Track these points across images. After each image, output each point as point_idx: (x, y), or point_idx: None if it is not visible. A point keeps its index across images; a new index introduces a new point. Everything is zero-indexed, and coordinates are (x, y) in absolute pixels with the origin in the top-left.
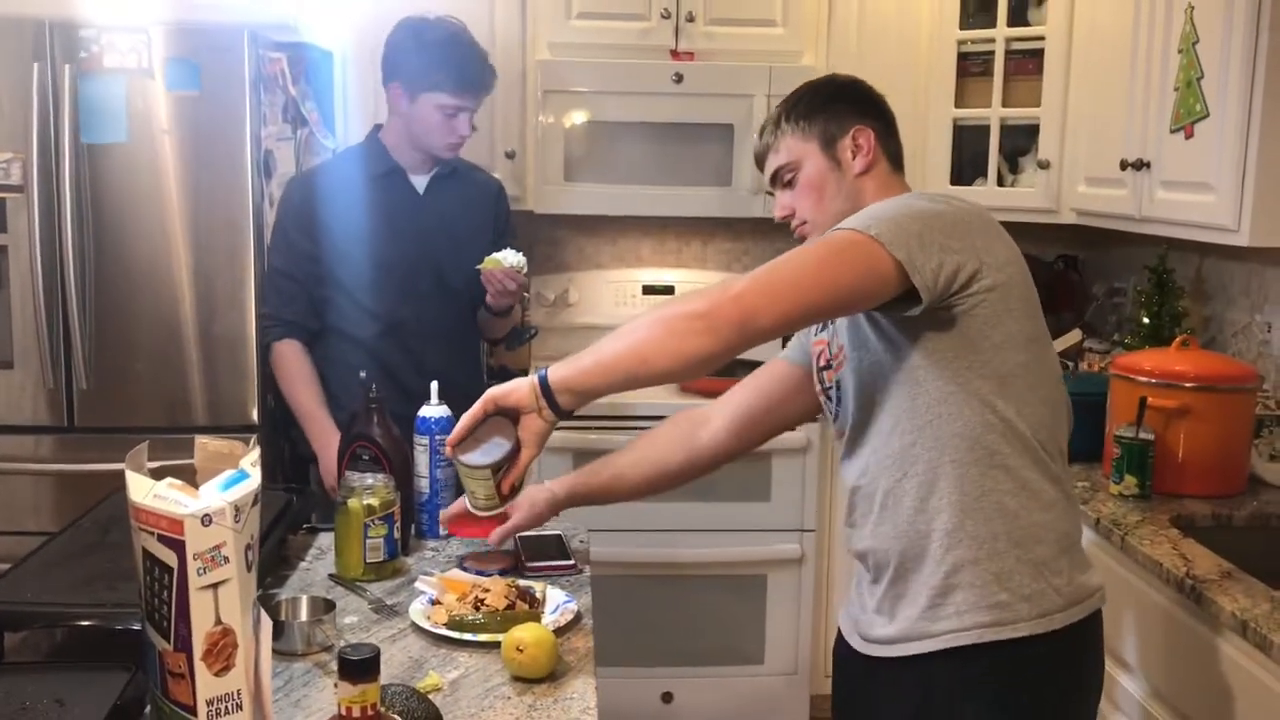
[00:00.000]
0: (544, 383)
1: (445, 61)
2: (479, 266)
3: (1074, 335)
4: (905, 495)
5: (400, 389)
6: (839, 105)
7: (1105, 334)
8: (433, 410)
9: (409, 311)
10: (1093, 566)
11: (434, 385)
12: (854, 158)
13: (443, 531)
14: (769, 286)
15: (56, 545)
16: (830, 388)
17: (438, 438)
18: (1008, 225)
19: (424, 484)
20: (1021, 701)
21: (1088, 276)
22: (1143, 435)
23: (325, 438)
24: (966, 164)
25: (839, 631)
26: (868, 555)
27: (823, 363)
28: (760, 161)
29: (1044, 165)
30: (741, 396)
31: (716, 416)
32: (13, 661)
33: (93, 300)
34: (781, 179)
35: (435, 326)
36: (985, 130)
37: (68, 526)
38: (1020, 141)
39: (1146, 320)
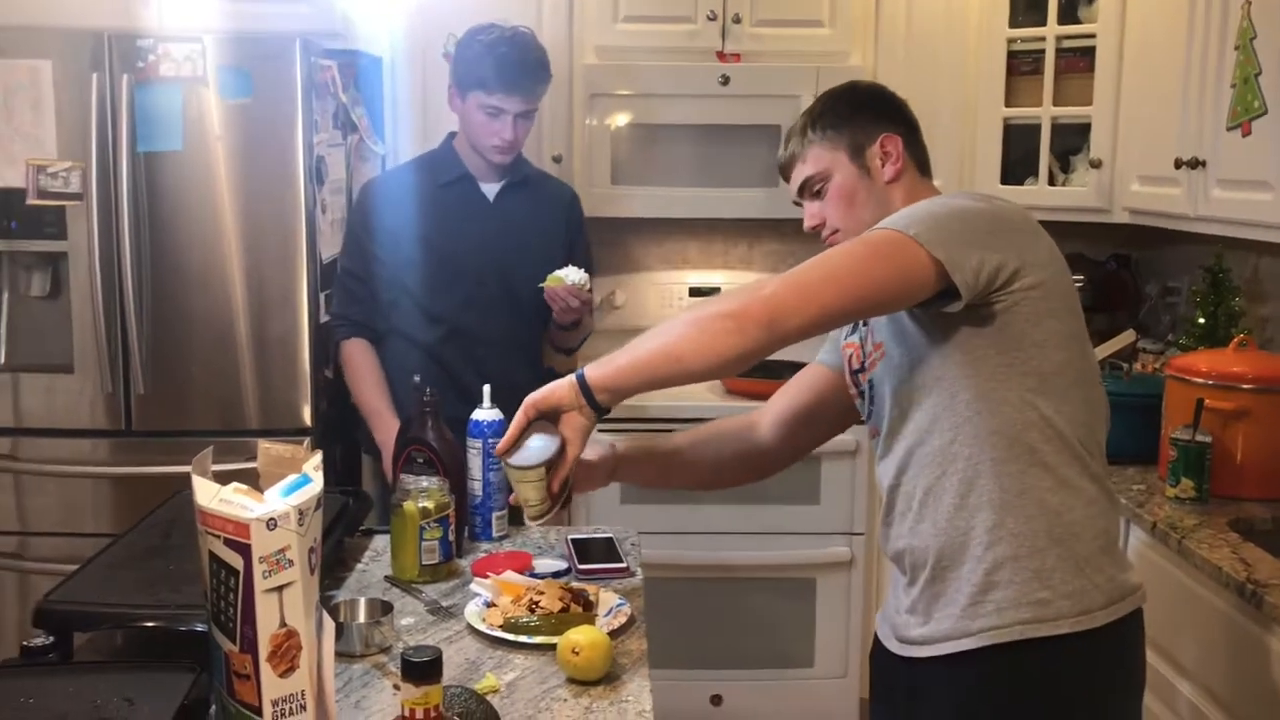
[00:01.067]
0: (582, 382)
1: (487, 60)
2: (541, 285)
3: (1127, 336)
4: (945, 493)
5: (461, 394)
6: (865, 113)
7: (1159, 334)
8: (485, 414)
9: (473, 317)
10: (1132, 566)
11: (486, 389)
12: (883, 165)
13: (496, 534)
14: (801, 287)
15: (120, 548)
16: (864, 388)
17: (490, 441)
18: (1059, 225)
19: (477, 487)
20: (1063, 699)
21: (1141, 276)
22: (1199, 438)
23: (388, 435)
24: (1017, 163)
25: (875, 637)
26: (904, 555)
27: (855, 365)
28: (785, 172)
29: (1096, 164)
30: (782, 403)
31: (763, 422)
32: (82, 661)
33: (149, 306)
34: (810, 189)
35: (499, 333)
36: (1036, 129)
37: (130, 529)
38: (1072, 140)
39: (1202, 320)
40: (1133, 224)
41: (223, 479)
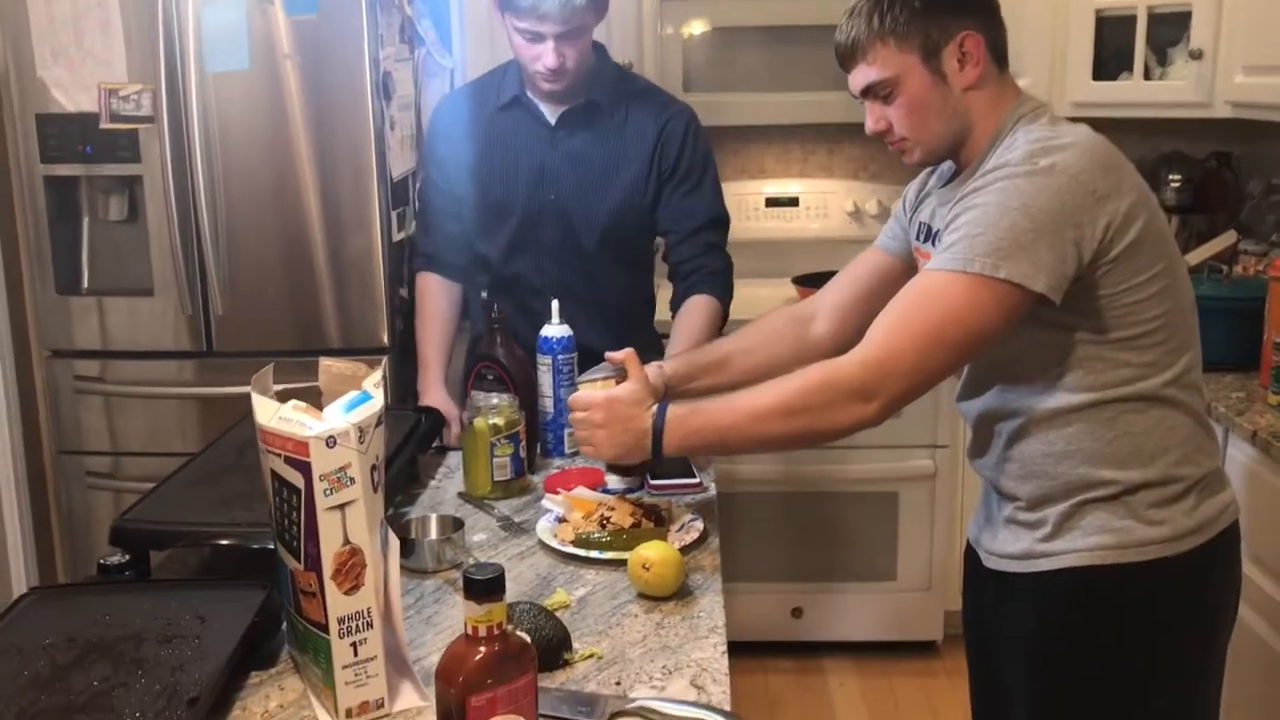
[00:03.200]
0: (657, 432)
1: None
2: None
3: (1228, 237)
4: (1034, 441)
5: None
6: (941, 5)
7: (1262, 235)
8: (554, 330)
9: (526, 265)
10: (1228, 484)
11: (554, 304)
12: (961, 68)
13: (568, 450)
14: (912, 370)
15: (195, 467)
16: None
17: (560, 357)
18: (1154, 122)
19: (548, 404)
20: (1145, 622)
21: (1243, 174)
22: None
23: (429, 393)
24: (1110, 58)
25: (967, 541)
26: (993, 483)
27: None
28: (844, 62)
29: (1196, 55)
30: (839, 293)
31: (821, 312)
32: (158, 579)
33: (224, 227)
34: (876, 93)
35: (560, 288)
36: (1131, 20)
37: (205, 449)
38: (1169, 31)
39: None
40: (1235, 119)
41: (289, 392)
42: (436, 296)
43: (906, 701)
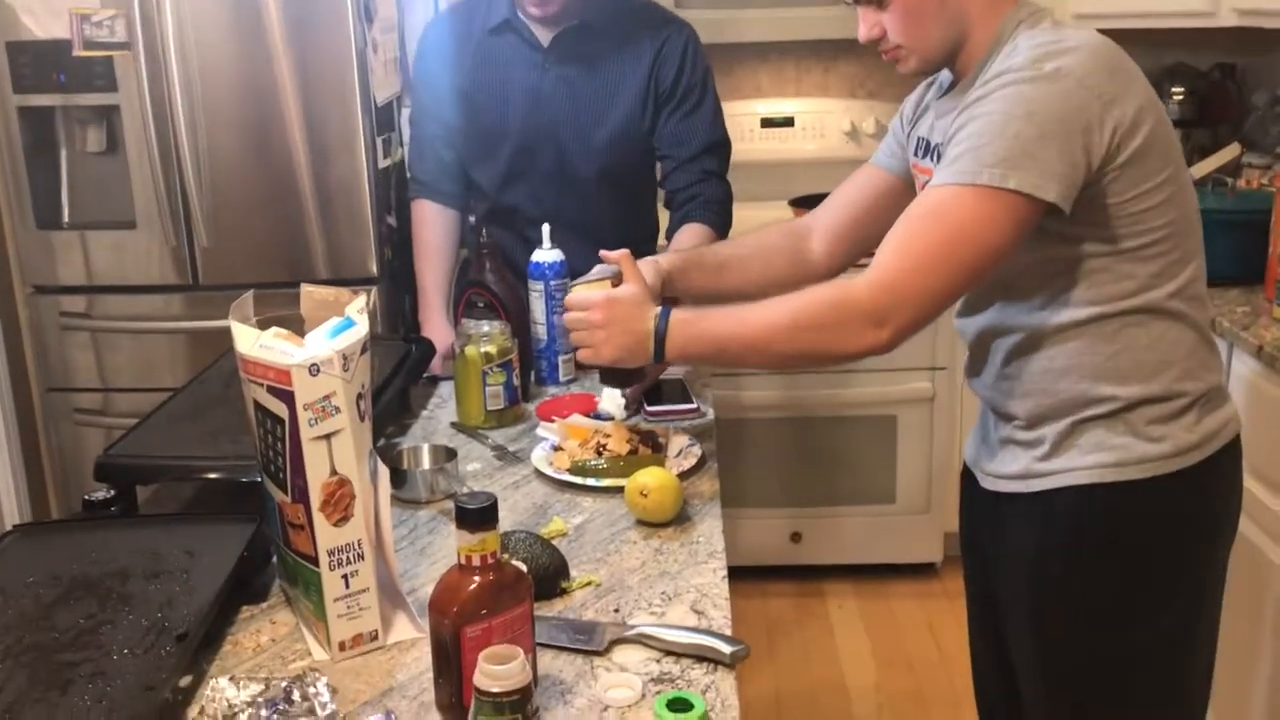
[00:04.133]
0: (660, 334)
1: None
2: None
3: (1231, 150)
4: (1035, 358)
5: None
6: None
7: (1266, 148)
8: (545, 255)
9: (522, 195)
10: (1229, 400)
11: (545, 228)
12: None
13: (563, 378)
14: (923, 293)
15: (180, 400)
16: None
17: (553, 283)
18: (1157, 33)
19: (541, 330)
20: (1146, 539)
21: (1247, 85)
22: None
23: (430, 323)
24: None
25: (964, 463)
26: (991, 402)
27: None
28: None
29: None
30: (836, 212)
31: (816, 230)
32: (144, 514)
33: (206, 157)
34: None
35: (557, 217)
36: None
37: (190, 381)
38: None
39: None
40: (1240, 28)
41: (271, 319)
42: (433, 224)
43: (906, 623)
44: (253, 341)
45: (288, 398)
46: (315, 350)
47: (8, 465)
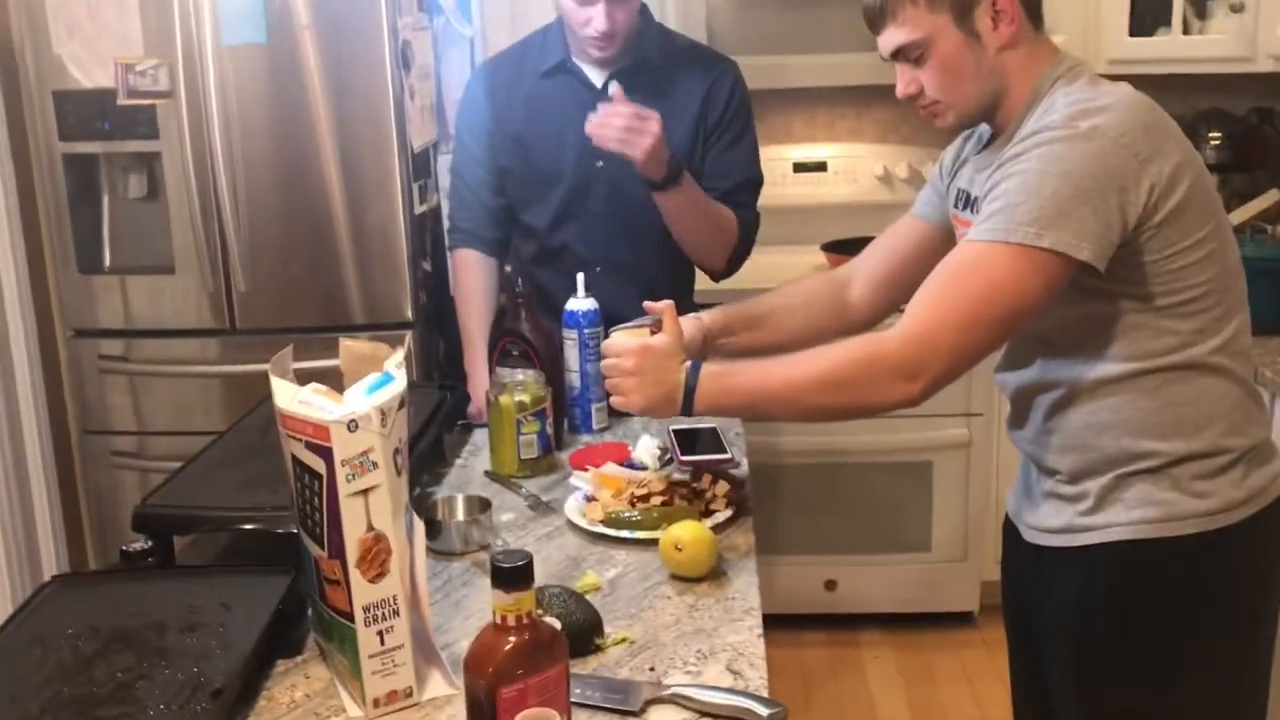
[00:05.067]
0: (689, 388)
1: None
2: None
3: (1270, 196)
4: (1077, 412)
5: (556, 320)
6: None
7: None
8: (580, 303)
9: (573, 234)
10: (1277, 455)
11: (580, 276)
12: (995, 27)
13: (596, 427)
14: (955, 347)
15: (219, 449)
16: None
17: (586, 331)
18: (1193, 78)
19: (574, 379)
20: (1191, 597)
21: None
22: None
23: (476, 365)
24: (1147, 12)
25: (1006, 515)
26: (1033, 456)
27: None
28: (873, 24)
29: (1237, 8)
30: (877, 261)
31: (856, 279)
32: (182, 565)
33: (245, 203)
34: (907, 56)
35: (606, 257)
36: None
37: (229, 430)
38: None
39: None
40: (1277, 73)
41: (309, 372)
42: (477, 272)
43: (943, 673)
44: (292, 396)
45: (326, 454)
46: (354, 406)
47: (46, 507)
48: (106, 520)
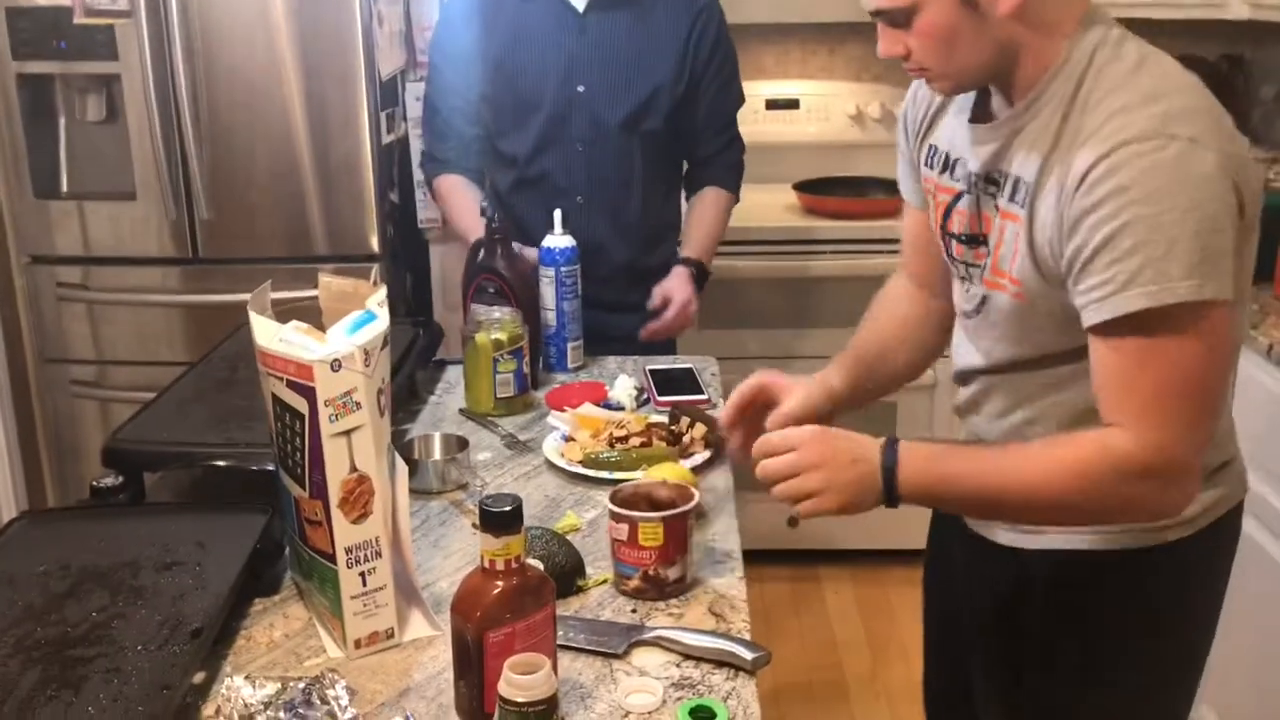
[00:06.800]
0: (889, 475)
1: None
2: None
3: None
4: (1039, 429)
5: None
6: None
7: (1273, 142)
8: (557, 240)
9: (553, 162)
10: (1235, 473)
11: (557, 213)
12: None
13: (571, 365)
14: (1192, 426)
15: (188, 382)
16: (973, 288)
17: (563, 269)
18: (1166, 23)
19: (550, 317)
20: (1127, 604)
21: (1254, 78)
22: None
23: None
24: None
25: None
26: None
27: (961, 254)
28: None
29: None
30: (925, 260)
31: (924, 287)
32: (153, 503)
33: (208, 129)
34: (891, 17)
35: (589, 186)
36: None
37: (197, 362)
38: None
39: None
40: (1250, 20)
41: (287, 309)
42: (465, 190)
43: (901, 609)
44: (273, 334)
45: (309, 393)
46: (337, 346)
47: (3, 436)
48: (65, 449)
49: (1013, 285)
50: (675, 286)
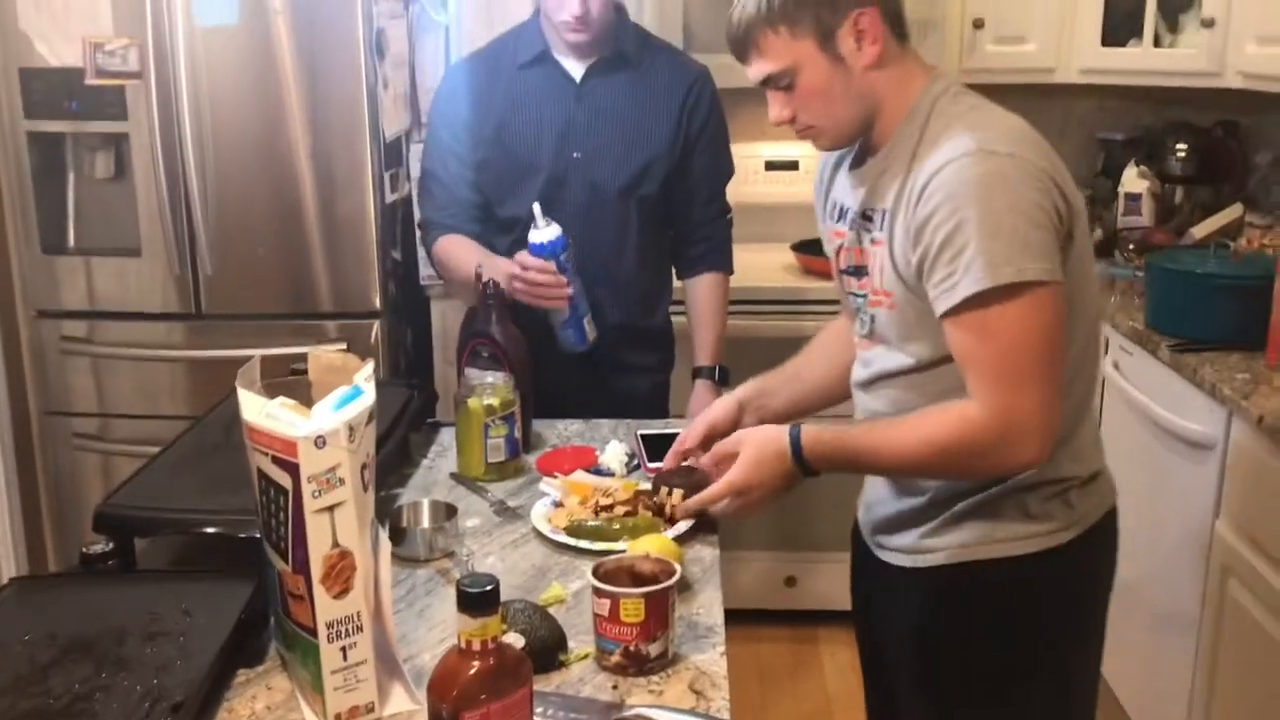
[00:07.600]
0: (796, 445)
1: None
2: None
3: (1234, 210)
4: None
5: (526, 316)
6: None
7: (1268, 208)
8: (543, 234)
9: None
10: (1107, 476)
11: (536, 206)
12: (860, 48)
13: (589, 337)
14: (1028, 391)
15: (182, 446)
16: (861, 307)
17: (561, 256)
18: (1161, 90)
19: (563, 303)
20: (1025, 610)
21: (1249, 145)
22: None
23: (492, 260)
24: (1120, 24)
25: (855, 521)
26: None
27: (852, 286)
28: (739, 54)
29: (1208, 23)
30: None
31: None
32: (144, 569)
33: (213, 186)
34: (776, 84)
35: (585, 250)
36: None
37: (191, 426)
38: None
39: None
40: (1245, 89)
41: (276, 391)
42: (466, 240)
43: None
44: (259, 410)
45: (292, 469)
46: (321, 422)
47: (3, 487)
48: (65, 502)
49: (886, 298)
50: (703, 405)
